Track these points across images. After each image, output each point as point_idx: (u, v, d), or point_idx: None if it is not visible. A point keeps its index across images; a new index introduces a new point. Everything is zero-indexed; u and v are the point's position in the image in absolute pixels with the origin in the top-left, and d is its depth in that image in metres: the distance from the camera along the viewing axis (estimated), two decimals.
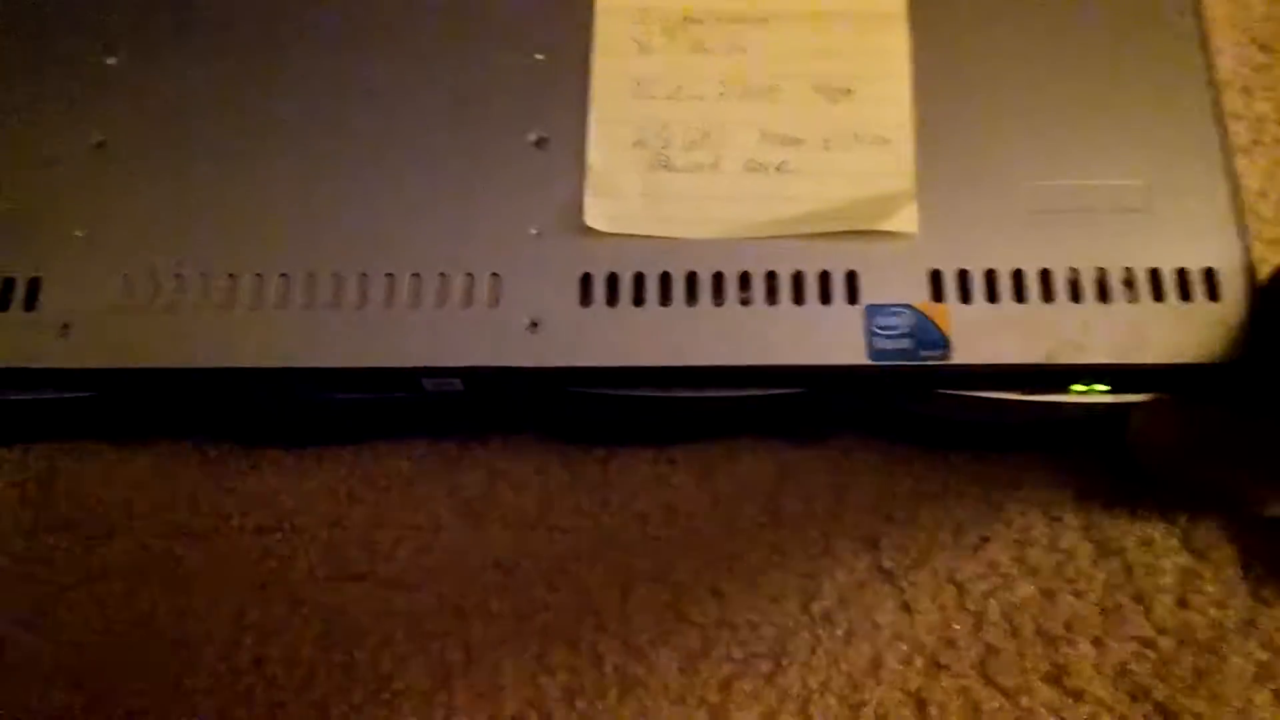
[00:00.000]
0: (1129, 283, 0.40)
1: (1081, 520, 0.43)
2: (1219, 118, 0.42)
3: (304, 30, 0.45)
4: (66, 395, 0.41)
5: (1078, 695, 0.41)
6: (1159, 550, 0.42)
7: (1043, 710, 0.41)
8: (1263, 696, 0.40)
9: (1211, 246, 0.41)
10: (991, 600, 0.42)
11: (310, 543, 0.43)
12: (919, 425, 0.43)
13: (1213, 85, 0.43)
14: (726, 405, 0.42)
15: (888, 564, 0.43)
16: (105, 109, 0.43)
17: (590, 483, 0.44)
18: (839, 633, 0.42)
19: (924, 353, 0.40)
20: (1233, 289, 0.40)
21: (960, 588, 0.42)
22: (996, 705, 0.41)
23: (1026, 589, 0.42)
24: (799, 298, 0.40)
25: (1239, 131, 0.47)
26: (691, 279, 0.41)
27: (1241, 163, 0.44)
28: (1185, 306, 0.40)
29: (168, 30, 0.45)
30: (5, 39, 0.45)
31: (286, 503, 0.44)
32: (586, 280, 0.41)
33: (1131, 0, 0.44)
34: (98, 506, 0.44)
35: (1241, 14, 0.51)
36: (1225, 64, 0.49)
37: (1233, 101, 0.48)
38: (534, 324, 0.40)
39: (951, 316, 0.40)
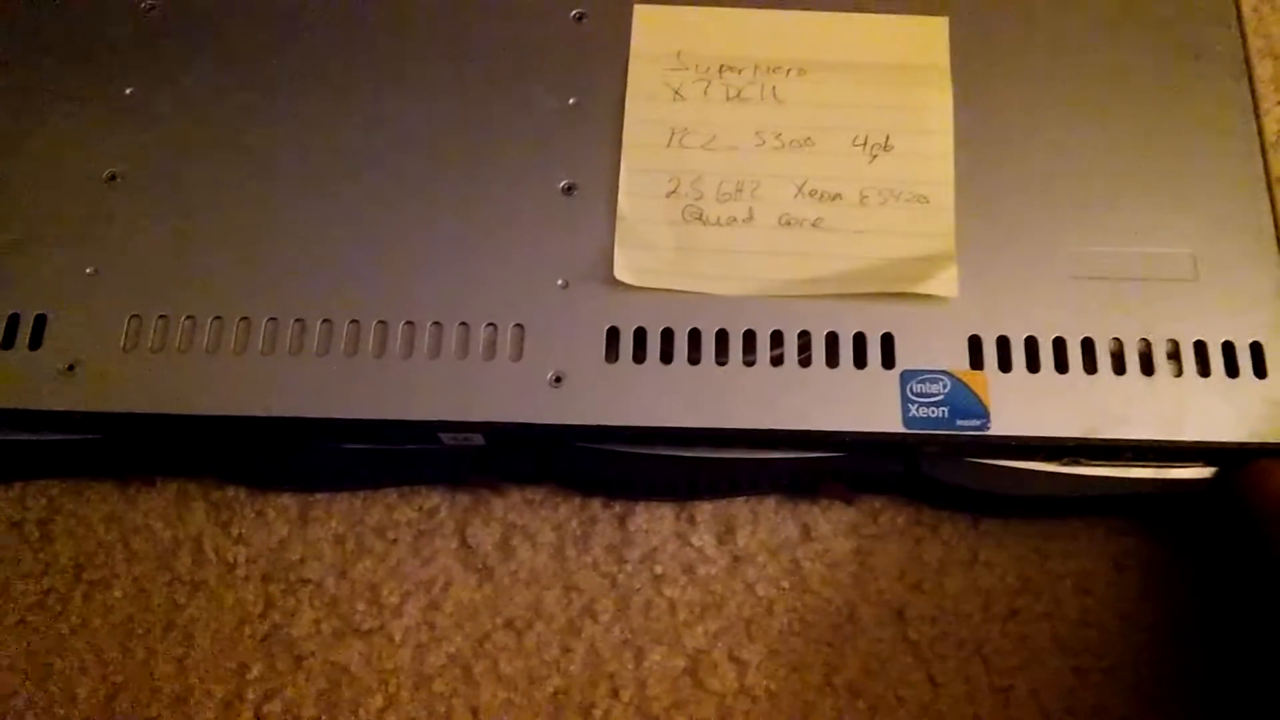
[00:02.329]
0: (1174, 355, 0.39)
1: (1115, 593, 0.42)
2: (1269, 185, 0.41)
3: (328, 66, 0.43)
4: (70, 437, 0.39)
5: None
6: (1197, 628, 0.41)
7: None
8: None
9: (1259, 320, 0.39)
10: (1020, 676, 0.41)
11: (316, 595, 0.42)
12: (949, 491, 0.42)
13: (1264, 151, 0.42)
14: (753, 466, 0.40)
15: (913, 635, 0.41)
16: (120, 140, 0.42)
17: (608, 540, 0.42)
18: (862, 705, 0.40)
19: (961, 422, 0.38)
20: None
21: (987, 662, 0.41)
22: None
23: (1056, 666, 0.41)
24: (833, 360, 0.39)
25: None
26: (722, 337, 0.39)
27: None
28: (1231, 383, 0.39)
29: (186, 61, 0.43)
30: (18, 66, 0.43)
31: (293, 552, 0.42)
32: (613, 335, 0.39)
33: (1181, 62, 0.43)
34: (98, 550, 0.42)
35: None
36: (1270, 126, 0.47)
37: (1277, 165, 0.47)
38: (558, 379, 0.39)
39: (990, 385, 0.39)
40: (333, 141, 0.42)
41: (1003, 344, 0.39)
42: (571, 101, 0.42)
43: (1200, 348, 0.39)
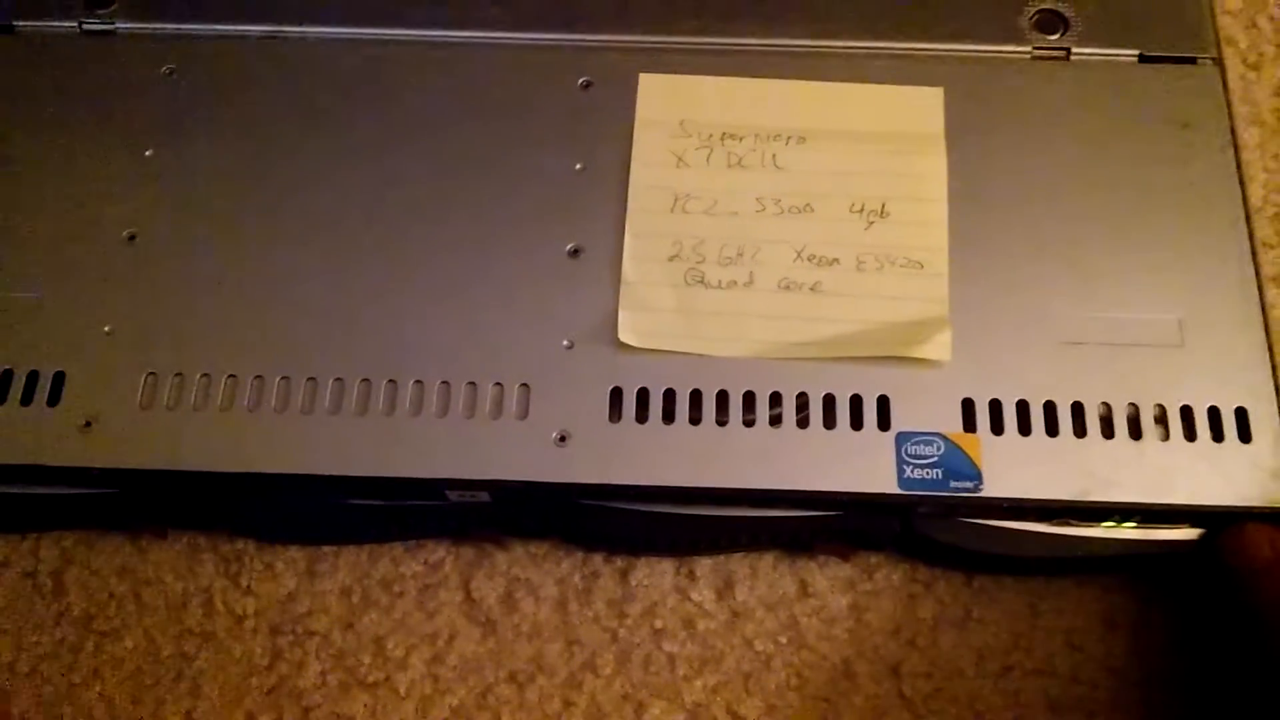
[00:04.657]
0: (1161, 420, 0.40)
1: (1105, 650, 0.43)
2: (1254, 251, 0.42)
3: (340, 131, 0.45)
4: (85, 491, 0.40)
5: None
6: (1187, 685, 0.42)
7: None
8: None
9: (1244, 385, 0.40)
10: None
11: (322, 647, 0.42)
12: (943, 549, 0.43)
13: (1248, 218, 0.43)
14: (751, 524, 0.41)
15: (908, 691, 0.42)
16: (139, 201, 0.43)
17: (609, 595, 0.43)
18: None
19: (954, 484, 0.39)
20: (1264, 430, 0.40)
21: (980, 718, 0.42)
22: None
23: None
24: (830, 421, 0.40)
25: (1270, 261, 0.47)
26: (722, 398, 0.40)
27: (1273, 294, 0.44)
28: (1216, 447, 0.40)
29: (205, 124, 0.45)
30: (41, 128, 0.45)
31: (300, 605, 0.43)
32: (617, 395, 0.40)
33: (1169, 130, 0.44)
34: (110, 601, 0.43)
35: (1272, 139, 0.51)
36: (1256, 191, 0.49)
37: (1263, 229, 0.48)
38: (563, 438, 0.40)
39: (983, 448, 0.40)
40: (345, 204, 0.43)
41: (995, 407, 0.40)
42: (578, 167, 0.44)
43: (1186, 412, 0.40)
